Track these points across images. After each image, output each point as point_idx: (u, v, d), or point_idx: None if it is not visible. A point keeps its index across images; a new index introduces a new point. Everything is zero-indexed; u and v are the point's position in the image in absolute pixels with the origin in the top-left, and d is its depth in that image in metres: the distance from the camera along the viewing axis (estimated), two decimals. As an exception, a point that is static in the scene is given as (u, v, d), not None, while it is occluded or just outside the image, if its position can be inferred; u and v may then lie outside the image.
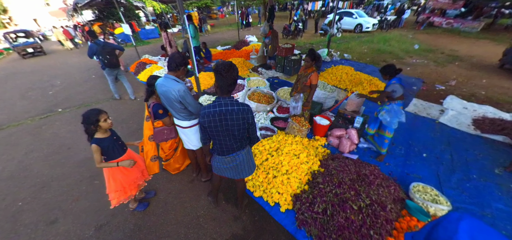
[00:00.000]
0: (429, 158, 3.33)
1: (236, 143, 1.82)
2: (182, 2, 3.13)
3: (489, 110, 4.51)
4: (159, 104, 2.38)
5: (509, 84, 6.14)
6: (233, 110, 1.62)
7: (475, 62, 7.92)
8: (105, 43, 4.89)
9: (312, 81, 3.28)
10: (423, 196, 2.56)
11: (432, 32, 13.39)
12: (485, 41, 10.96)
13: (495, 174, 3.06)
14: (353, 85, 5.48)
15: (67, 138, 4.34)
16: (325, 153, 3.24)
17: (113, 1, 7.88)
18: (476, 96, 5.32)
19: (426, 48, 9.71)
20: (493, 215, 2.51)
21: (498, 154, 3.42)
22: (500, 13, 15.06)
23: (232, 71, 1.57)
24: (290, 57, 6.69)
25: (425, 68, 7.40)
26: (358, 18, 14.23)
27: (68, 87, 7.34)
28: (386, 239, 2.09)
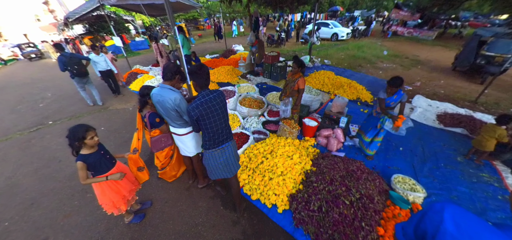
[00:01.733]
0: (405, 151, 3.47)
1: (226, 127, 1.95)
2: (173, 16, 3.01)
3: (449, 107, 4.84)
4: (155, 113, 2.25)
5: (461, 83, 6.68)
6: (214, 96, 1.81)
7: (433, 66, 8.53)
8: (71, 55, 4.97)
9: (300, 85, 3.28)
10: (403, 186, 2.65)
11: (396, 40, 14.26)
12: (439, 47, 11.87)
13: (457, 161, 3.28)
14: (335, 88, 5.62)
15: (57, 150, 3.95)
16: (315, 152, 3.24)
17: (104, 15, 7.46)
18: (437, 94, 5.70)
19: (393, 54, 10.27)
20: (458, 197, 2.69)
21: (459, 144, 3.67)
22: (449, 24, 16.54)
23: (204, 69, 1.76)
24: (276, 64, 6.71)
25: (394, 71, 7.79)
26: (334, 28, 14.75)
27: (59, 99, 6.75)
28: (376, 228, 2.11)
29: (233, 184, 2.21)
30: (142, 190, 2.87)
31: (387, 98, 2.80)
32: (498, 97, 5.59)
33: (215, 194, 2.71)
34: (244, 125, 3.98)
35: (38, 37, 23.00)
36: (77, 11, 9.85)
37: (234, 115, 4.15)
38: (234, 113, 4.22)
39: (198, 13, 25.95)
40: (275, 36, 13.57)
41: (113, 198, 2.07)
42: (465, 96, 5.60)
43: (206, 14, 28.25)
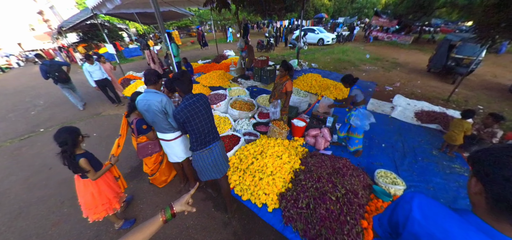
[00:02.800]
0: (387, 147, 3.55)
1: (212, 128, 1.94)
2: (163, 24, 2.95)
3: (425, 105, 5.01)
4: (142, 120, 2.16)
5: (435, 83, 6.97)
6: (198, 99, 1.83)
7: (411, 68, 8.86)
8: (51, 62, 4.93)
9: (287, 88, 3.29)
10: (385, 180, 2.69)
11: (377, 45, 14.73)
12: (415, 51, 12.37)
13: (433, 155, 3.39)
14: (322, 90, 5.69)
15: (48, 157, 3.74)
16: (304, 152, 3.24)
17: (97, 24, 7.34)
18: (415, 94, 5.91)
19: (375, 57, 10.58)
20: (434, 188, 2.78)
21: (434, 138, 3.81)
22: (423, 30, 17.34)
23: (186, 75, 1.81)
24: (266, 68, 6.73)
25: (376, 73, 8.02)
26: (320, 33, 15.03)
27: (52, 106, 6.43)
28: (360, 221, 2.13)
29: (223, 184, 2.16)
30: (132, 195, 2.76)
31: None
32: (467, 95, 5.89)
33: (207, 196, 2.64)
34: (235, 127, 3.94)
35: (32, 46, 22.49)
36: (71, 20, 9.62)
37: (226, 118, 4.10)
38: (225, 116, 4.17)
39: (190, 20, 25.73)
40: (264, 42, 13.64)
41: (109, 195, 2.02)
42: (439, 95, 5.84)
43: (198, 21, 28.07)
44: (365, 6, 23.32)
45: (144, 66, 10.86)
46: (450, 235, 0.63)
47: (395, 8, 16.74)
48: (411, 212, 0.74)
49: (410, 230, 0.73)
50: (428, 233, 0.68)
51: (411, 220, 0.73)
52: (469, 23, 16.95)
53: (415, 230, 0.72)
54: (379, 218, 0.99)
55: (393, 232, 0.86)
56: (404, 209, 0.78)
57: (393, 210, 0.84)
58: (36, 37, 23.73)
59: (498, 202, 0.58)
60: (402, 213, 0.78)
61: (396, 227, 0.82)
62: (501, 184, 0.57)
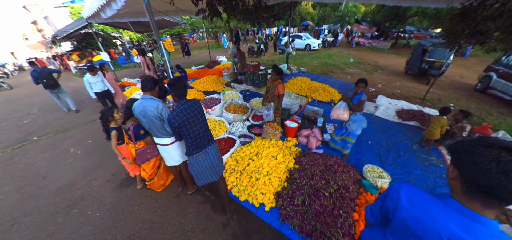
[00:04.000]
0: (373, 144, 3.66)
1: (207, 131, 1.92)
2: (158, 32, 2.88)
3: (404, 104, 5.23)
4: (139, 125, 2.10)
5: (412, 84, 7.31)
6: (192, 104, 1.81)
7: (390, 70, 9.24)
8: (41, 70, 5.10)
9: (280, 91, 3.31)
10: (372, 174, 2.77)
11: (359, 49, 15.27)
12: (393, 55, 12.95)
13: (413, 149, 3.54)
14: (311, 92, 5.76)
15: (42, 166, 3.50)
16: (297, 151, 3.26)
17: (92, 33, 7.00)
18: (395, 94, 6.16)
19: (358, 61, 10.94)
20: (415, 179, 2.90)
21: (413, 134, 3.99)
22: (399, 36, 18.25)
23: (182, 81, 1.78)
24: (258, 73, 6.75)
25: (360, 75, 8.27)
26: (307, 39, 15.33)
27: (46, 114, 6.04)
28: (352, 214, 2.16)
29: (221, 185, 2.12)
30: (129, 201, 2.63)
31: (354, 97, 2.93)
32: (439, 94, 6.23)
33: (205, 199, 2.57)
34: (230, 130, 3.89)
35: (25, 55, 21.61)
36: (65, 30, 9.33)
37: (221, 121, 4.04)
38: (220, 119, 4.11)
39: (182, 29, 25.41)
40: (255, 48, 13.72)
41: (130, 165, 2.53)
42: (415, 95, 6.13)
43: (190, 29, 27.78)
44: (347, 14, 24.11)
45: (138, 72, 10.54)
46: (433, 217, 0.70)
47: (373, 16, 17.49)
48: (399, 200, 0.80)
49: (399, 216, 0.79)
50: (414, 218, 0.75)
51: (400, 207, 0.79)
52: (438, 30, 18.08)
53: (404, 216, 0.78)
54: (370, 209, 1.05)
55: (384, 219, 0.92)
56: (393, 198, 0.84)
57: (383, 200, 0.90)
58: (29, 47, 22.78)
59: (470, 185, 0.64)
60: (391, 202, 0.84)
61: (387, 215, 0.88)
62: (472, 170, 0.63)
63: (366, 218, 1.09)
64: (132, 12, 6.29)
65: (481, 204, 0.64)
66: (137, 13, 6.66)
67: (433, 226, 0.69)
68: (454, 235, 0.65)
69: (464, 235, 0.64)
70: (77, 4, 24.95)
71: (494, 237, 0.61)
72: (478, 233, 0.63)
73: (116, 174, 3.15)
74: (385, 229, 0.90)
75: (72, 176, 3.19)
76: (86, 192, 2.84)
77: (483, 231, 0.63)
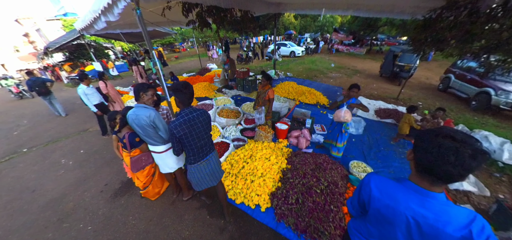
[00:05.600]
0: (357, 141, 3.75)
1: (209, 141, 1.76)
2: (151, 43, 2.76)
3: (381, 104, 5.47)
4: (134, 133, 1.97)
5: (387, 86, 7.69)
6: (199, 114, 1.63)
7: (367, 74, 9.67)
8: (36, 79, 5.40)
9: (270, 96, 3.31)
10: (357, 169, 2.83)
11: (339, 55, 15.88)
12: (368, 60, 13.59)
13: (391, 144, 3.69)
14: (298, 95, 5.82)
15: (31, 179, 3.17)
16: (288, 152, 3.24)
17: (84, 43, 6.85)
18: (373, 95, 6.43)
19: (339, 66, 11.33)
20: (394, 171, 3.01)
21: (390, 131, 4.16)
22: (372, 43, 19.30)
23: (189, 87, 1.57)
24: (247, 78, 6.74)
25: (341, 79, 8.56)
26: (291, 47, 15.64)
27: (36, 125, 5.54)
28: (342, 208, 2.18)
29: (220, 188, 2.03)
30: (123, 211, 2.44)
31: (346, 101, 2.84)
32: (410, 94, 6.61)
33: (201, 205, 2.45)
34: (223, 134, 3.80)
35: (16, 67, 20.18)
36: (57, 41, 9.01)
37: (214, 126, 3.94)
38: (214, 124, 4.00)
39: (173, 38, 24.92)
40: (243, 55, 13.74)
41: None
42: (390, 95, 6.44)
43: (181, 39, 27.31)
44: (325, 24, 25.07)
45: (131, 81, 10.06)
46: (398, 200, 0.79)
47: (350, 25, 18.40)
48: (371, 192, 0.87)
49: (373, 206, 0.86)
50: (384, 205, 0.82)
51: (373, 198, 0.86)
52: (405, 38, 19.40)
53: (377, 205, 0.85)
54: (351, 201, 1.09)
55: (363, 210, 0.99)
56: (366, 191, 0.90)
57: (359, 193, 0.96)
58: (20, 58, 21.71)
59: (418, 165, 0.74)
60: (365, 194, 0.91)
61: (364, 206, 0.94)
62: (421, 152, 0.72)
63: (348, 210, 1.12)
64: (124, 23, 6.11)
65: (428, 182, 0.73)
66: (129, 25, 6.46)
67: (400, 209, 0.77)
68: (415, 213, 0.74)
69: (422, 210, 0.73)
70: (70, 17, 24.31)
71: (442, 206, 0.72)
72: (431, 206, 0.72)
73: (110, 183, 2.92)
74: (365, 219, 0.96)
75: (63, 188, 2.91)
76: (78, 204, 2.59)
77: (434, 204, 0.72)
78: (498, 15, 2.58)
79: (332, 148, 3.12)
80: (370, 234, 0.93)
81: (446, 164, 0.64)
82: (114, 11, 2.63)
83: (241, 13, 5.09)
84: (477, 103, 5.56)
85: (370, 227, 0.92)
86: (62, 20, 23.33)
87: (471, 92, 5.85)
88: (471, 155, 0.61)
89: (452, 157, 0.63)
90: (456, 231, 0.67)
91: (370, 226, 0.91)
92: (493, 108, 5.20)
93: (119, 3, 2.47)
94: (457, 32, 3.00)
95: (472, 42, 2.95)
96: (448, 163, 0.63)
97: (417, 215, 0.73)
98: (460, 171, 0.63)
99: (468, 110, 5.56)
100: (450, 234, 0.67)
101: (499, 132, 4.36)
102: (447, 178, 0.67)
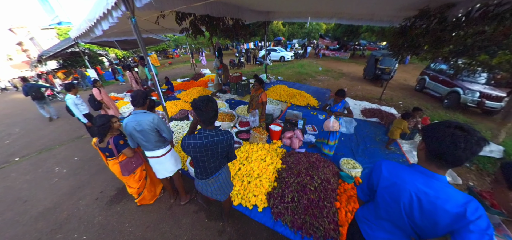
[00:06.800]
0: (346, 140, 3.82)
1: (219, 163, 1.54)
2: (146, 50, 2.69)
3: (366, 104, 5.64)
4: (119, 136, 1.88)
5: (370, 87, 7.97)
6: (219, 141, 1.37)
7: (352, 76, 9.96)
8: (31, 85, 5.46)
9: (263, 99, 3.30)
10: (347, 166, 2.87)
11: (326, 60, 16.28)
12: (353, 64, 14.04)
13: (376, 141, 3.81)
14: (290, 97, 5.86)
15: (23, 189, 2.93)
16: (283, 152, 3.23)
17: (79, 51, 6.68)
18: (358, 96, 6.63)
19: (326, 69, 11.60)
20: None
21: (376, 129, 4.29)
22: (355, 48, 20.03)
23: (211, 105, 1.31)
24: (240, 83, 6.71)
25: (329, 82, 8.75)
26: (280, 52, 15.85)
27: (29, 133, 5.17)
28: (334, 203, 2.20)
29: (225, 203, 1.93)
30: (119, 218, 2.31)
31: (333, 106, 2.93)
32: (391, 95, 6.89)
33: (199, 208, 2.37)
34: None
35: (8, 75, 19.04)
36: (52, 50, 8.78)
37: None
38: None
39: (166, 45, 24.51)
40: (235, 61, 13.75)
41: None
42: (374, 96, 6.67)
43: (174, 45, 26.88)
44: (311, 31, 25.74)
45: (125, 87, 9.68)
46: (404, 179, 0.86)
47: (334, 32, 19.03)
48: (381, 173, 0.94)
49: (381, 185, 0.94)
50: (392, 183, 0.89)
51: (382, 177, 0.93)
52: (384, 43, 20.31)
53: (385, 184, 0.92)
54: (361, 188, 1.15)
55: (371, 192, 1.05)
56: (376, 172, 0.98)
57: (369, 176, 1.03)
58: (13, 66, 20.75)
59: (430, 153, 0.80)
60: (375, 175, 0.98)
61: (372, 187, 1.01)
62: (433, 141, 0.78)
63: (358, 196, 1.18)
64: (119, 31, 5.93)
65: (436, 165, 0.81)
66: (123, 32, 6.28)
67: (405, 186, 0.84)
68: (419, 190, 0.80)
69: (425, 188, 0.79)
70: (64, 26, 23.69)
71: (443, 186, 0.78)
72: (434, 185, 0.79)
73: (105, 190, 2.76)
74: (374, 203, 1.02)
75: (56, 197, 2.71)
76: (72, 213, 2.42)
77: (437, 184, 0.79)
78: (462, 24, 2.78)
79: (324, 146, 3.17)
80: (378, 216, 0.98)
81: (457, 150, 0.71)
82: (110, 20, 2.56)
83: (233, 21, 5.14)
84: (448, 101, 5.90)
85: (378, 210, 0.97)
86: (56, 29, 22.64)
87: (443, 92, 6.20)
88: (476, 141, 0.70)
89: (462, 143, 0.70)
90: (453, 207, 0.73)
91: (378, 210, 0.97)
92: (462, 106, 5.54)
93: (115, 12, 2.42)
94: (429, 38, 3.21)
95: (442, 47, 3.16)
96: (459, 149, 0.71)
97: (420, 192, 0.80)
98: (467, 155, 0.71)
99: (441, 108, 5.87)
100: (448, 210, 0.73)
101: (469, 126, 4.60)
102: (456, 162, 0.74)
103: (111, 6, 2.34)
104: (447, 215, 0.73)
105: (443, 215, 0.74)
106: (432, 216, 0.76)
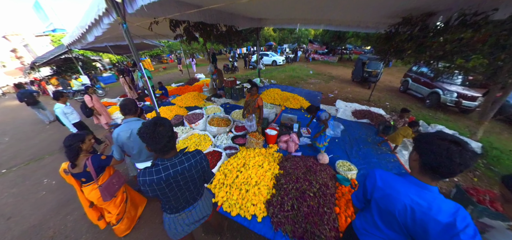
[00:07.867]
0: (340, 142, 3.76)
1: (195, 193, 1.22)
2: (138, 54, 2.53)
3: (357, 106, 5.64)
4: (96, 155, 1.60)
5: (359, 89, 8.09)
6: (190, 165, 1.08)
7: (341, 79, 10.10)
8: (25, 91, 5.56)
9: (259, 103, 3.20)
10: (343, 168, 2.79)
11: (315, 63, 16.49)
12: (341, 67, 14.31)
13: (368, 142, 3.77)
14: (284, 101, 5.76)
15: (8, 204, 2.63)
16: (279, 156, 3.11)
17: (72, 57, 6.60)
18: (348, 98, 6.67)
19: (316, 73, 11.71)
20: (373, 166, 3.05)
21: (367, 130, 4.26)
22: (343, 52, 20.53)
23: (160, 130, 0.95)
24: (235, 87, 6.57)
25: (320, 85, 8.80)
26: (272, 57, 15.89)
27: (18, 142, 4.77)
28: (334, 209, 2.10)
29: (212, 222, 1.75)
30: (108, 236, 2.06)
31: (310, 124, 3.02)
32: (379, 96, 7.01)
33: (195, 219, 2.18)
34: (215, 143, 3.56)
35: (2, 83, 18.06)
36: (45, 56, 8.51)
37: (205, 135, 3.67)
38: (205, 133, 3.74)
39: (161, 50, 23.93)
40: (229, 65, 13.61)
41: None
42: (363, 98, 6.75)
43: (168, 50, 26.34)
44: (301, 36, 26.15)
45: (118, 92, 9.23)
46: (399, 191, 0.85)
47: (322, 37, 19.41)
48: (376, 183, 0.93)
49: (376, 196, 0.92)
50: (386, 194, 0.88)
51: (377, 188, 0.92)
52: (368, 48, 20.98)
53: (379, 194, 0.91)
54: (355, 195, 1.11)
55: (366, 201, 1.03)
56: (371, 181, 0.95)
57: (364, 184, 1.00)
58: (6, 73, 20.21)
59: (425, 165, 0.80)
60: (370, 184, 0.96)
61: (366, 195, 0.99)
62: (429, 155, 0.77)
63: (353, 204, 1.13)
64: (111, 37, 5.64)
65: (429, 177, 0.81)
66: (115, 38, 5.97)
67: (399, 198, 0.84)
68: (413, 201, 0.81)
69: (419, 200, 0.80)
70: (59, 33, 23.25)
71: (436, 197, 0.79)
72: (427, 196, 0.80)
73: (93, 205, 2.50)
74: (372, 213, 0.98)
75: (43, 212, 2.43)
76: (59, 231, 2.16)
77: (429, 195, 0.80)
78: (442, 31, 2.92)
79: (316, 146, 3.15)
80: (378, 227, 0.96)
81: (453, 164, 0.72)
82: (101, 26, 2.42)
83: (226, 28, 5.05)
84: (430, 101, 6.09)
85: (377, 220, 0.95)
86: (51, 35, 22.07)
87: (425, 93, 6.39)
88: (470, 156, 0.71)
89: (458, 159, 0.71)
90: (444, 218, 0.74)
91: (377, 219, 0.95)
92: (442, 105, 5.73)
93: (106, 18, 2.28)
94: (412, 44, 3.34)
95: (424, 52, 3.26)
96: (455, 164, 0.71)
97: (414, 203, 0.80)
98: (462, 169, 0.71)
99: (424, 108, 6.03)
100: (439, 220, 0.75)
101: (449, 124, 4.77)
102: (450, 175, 0.75)
103: (102, 12, 2.21)
104: (438, 225, 0.74)
105: (434, 225, 0.75)
106: (423, 225, 0.78)
